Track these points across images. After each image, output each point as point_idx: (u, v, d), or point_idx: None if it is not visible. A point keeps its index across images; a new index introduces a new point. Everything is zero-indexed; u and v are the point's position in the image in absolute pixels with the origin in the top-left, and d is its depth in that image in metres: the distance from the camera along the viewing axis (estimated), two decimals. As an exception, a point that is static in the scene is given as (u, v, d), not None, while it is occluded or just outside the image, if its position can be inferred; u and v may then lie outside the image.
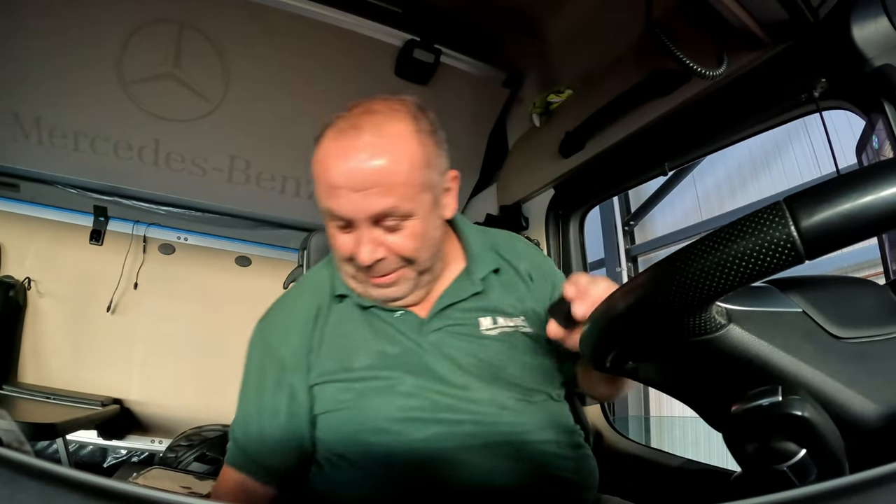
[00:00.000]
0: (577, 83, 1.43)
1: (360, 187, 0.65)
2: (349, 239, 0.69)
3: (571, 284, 0.64)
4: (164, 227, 2.16)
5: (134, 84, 1.61)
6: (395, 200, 0.66)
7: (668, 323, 0.37)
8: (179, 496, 0.19)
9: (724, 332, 0.37)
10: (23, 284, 2.00)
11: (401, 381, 0.71)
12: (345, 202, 0.66)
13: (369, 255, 0.68)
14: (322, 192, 0.69)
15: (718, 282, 0.31)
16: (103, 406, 1.91)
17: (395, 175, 0.66)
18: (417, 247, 0.70)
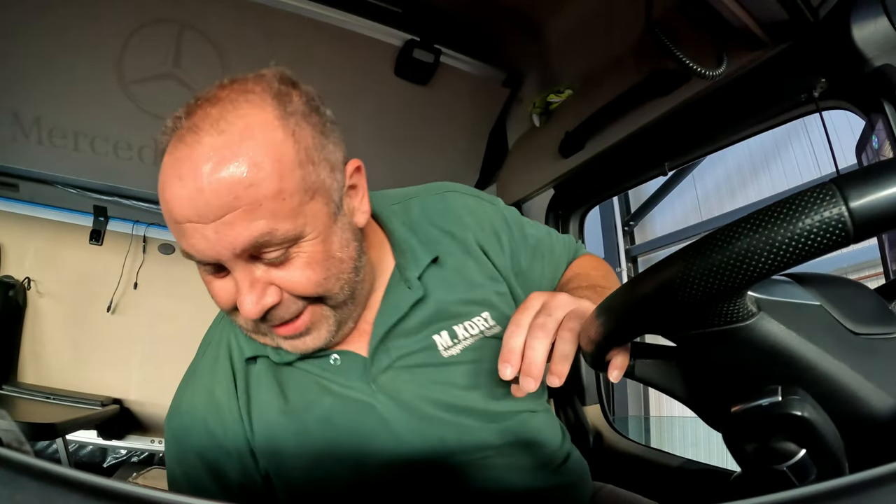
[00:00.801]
0: (577, 83, 1.43)
1: (212, 216, 0.47)
2: (227, 284, 0.53)
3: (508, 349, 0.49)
4: (164, 227, 2.15)
5: (134, 84, 1.61)
6: (266, 223, 0.48)
7: (702, 308, 0.34)
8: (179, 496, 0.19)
9: (754, 320, 0.36)
10: (23, 284, 2.00)
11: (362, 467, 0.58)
12: (198, 240, 0.49)
13: (254, 305, 0.50)
14: (170, 227, 0.51)
15: (764, 262, 0.30)
16: (103, 406, 1.91)
17: (258, 187, 0.47)
18: (321, 278, 0.52)
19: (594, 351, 0.44)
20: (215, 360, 0.64)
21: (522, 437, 0.64)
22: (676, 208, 3.43)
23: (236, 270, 0.51)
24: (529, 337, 0.48)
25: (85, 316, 2.08)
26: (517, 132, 1.73)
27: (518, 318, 0.50)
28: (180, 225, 0.49)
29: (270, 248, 0.50)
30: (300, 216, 0.50)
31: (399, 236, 0.64)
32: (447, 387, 0.61)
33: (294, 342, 0.56)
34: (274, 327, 0.55)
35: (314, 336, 0.56)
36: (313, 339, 0.56)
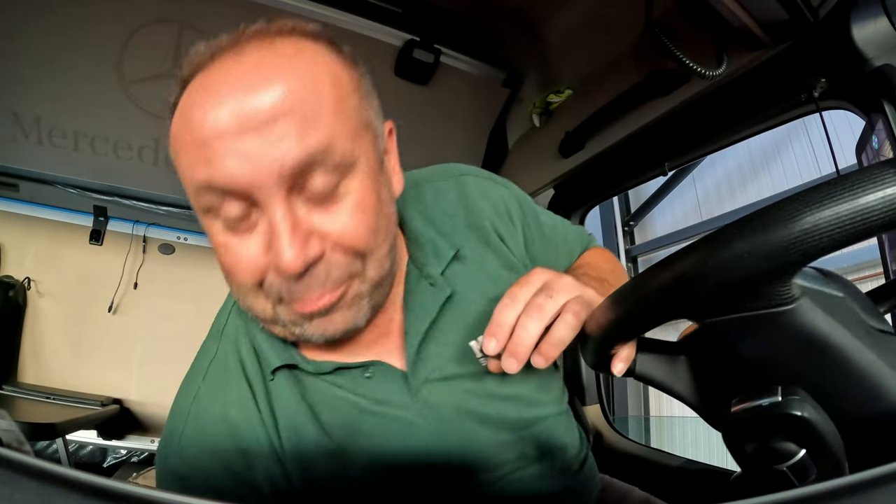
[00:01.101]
0: (577, 83, 1.43)
1: (258, 125, 0.38)
2: (251, 243, 0.42)
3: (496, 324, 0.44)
4: (164, 227, 2.16)
5: (134, 84, 1.61)
6: (325, 137, 0.40)
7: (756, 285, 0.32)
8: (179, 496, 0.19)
9: (796, 305, 0.34)
10: (23, 284, 2.00)
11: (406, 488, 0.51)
12: (233, 161, 0.38)
13: (297, 254, 0.40)
14: (189, 159, 0.41)
15: (828, 236, 0.29)
16: (103, 406, 1.91)
17: (317, 93, 0.40)
18: (374, 225, 0.44)
19: (603, 339, 0.42)
20: (225, 376, 0.53)
21: (550, 443, 0.60)
22: (676, 208, 3.43)
23: (274, 207, 0.40)
24: (524, 315, 0.44)
25: (85, 316, 2.09)
26: (517, 132, 1.73)
27: (515, 292, 0.45)
28: (209, 145, 0.39)
29: (321, 174, 0.40)
30: (356, 141, 0.42)
31: (416, 227, 0.56)
32: (486, 399, 0.55)
33: (321, 322, 0.45)
34: (306, 302, 0.44)
35: (342, 314, 0.46)
36: (342, 317, 0.46)
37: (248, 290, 0.45)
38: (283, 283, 0.43)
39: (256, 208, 0.41)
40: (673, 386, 0.45)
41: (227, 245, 0.43)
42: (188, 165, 0.41)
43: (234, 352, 0.54)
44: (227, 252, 0.43)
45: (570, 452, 0.63)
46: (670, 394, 0.45)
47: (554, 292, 0.45)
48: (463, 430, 0.54)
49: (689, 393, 0.44)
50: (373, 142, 0.46)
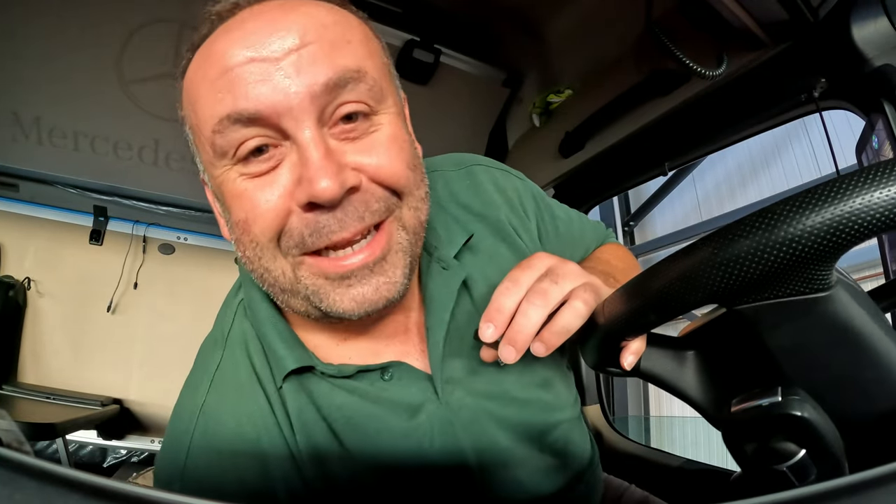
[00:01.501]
0: (577, 83, 1.43)
1: (288, 48, 0.37)
2: (275, 185, 0.38)
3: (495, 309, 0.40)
4: (164, 227, 2.16)
5: (134, 84, 1.61)
6: (356, 61, 0.38)
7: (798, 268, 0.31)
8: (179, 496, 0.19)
9: (833, 292, 0.33)
10: (23, 284, 2.00)
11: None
12: (261, 84, 0.36)
13: (334, 177, 0.36)
14: (212, 95, 0.38)
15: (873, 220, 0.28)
16: (103, 406, 1.91)
17: (344, 26, 0.39)
18: (409, 161, 0.42)
19: (616, 330, 0.40)
20: (236, 385, 0.48)
21: (566, 449, 0.58)
22: (676, 208, 3.43)
23: (304, 133, 0.37)
24: (525, 300, 0.41)
25: (85, 316, 2.09)
26: (517, 132, 1.73)
27: (517, 275, 0.42)
28: (236, 75, 0.36)
29: (353, 97, 0.38)
30: (384, 79, 0.41)
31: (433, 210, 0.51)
32: (505, 402, 0.53)
33: (362, 287, 0.40)
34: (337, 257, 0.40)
35: (389, 276, 0.42)
36: (386, 283, 0.41)
37: (266, 248, 0.41)
38: (314, 219, 0.39)
39: (281, 146, 0.39)
40: (677, 383, 0.43)
41: (244, 193, 0.39)
42: (210, 104, 0.38)
43: (245, 358, 0.49)
44: (244, 201, 0.39)
45: (583, 457, 0.62)
46: (673, 391, 0.44)
47: (560, 278, 0.41)
48: (482, 434, 0.51)
49: (695, 390, 0.43)
50: (397, 90, 0.43)
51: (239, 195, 0.40)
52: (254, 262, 0.43)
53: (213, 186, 0.43)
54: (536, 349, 0.41)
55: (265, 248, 0.41)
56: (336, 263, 0.40)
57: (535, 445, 0.55)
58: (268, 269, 0.42)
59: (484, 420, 0.51)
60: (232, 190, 0.40)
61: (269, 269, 0.42)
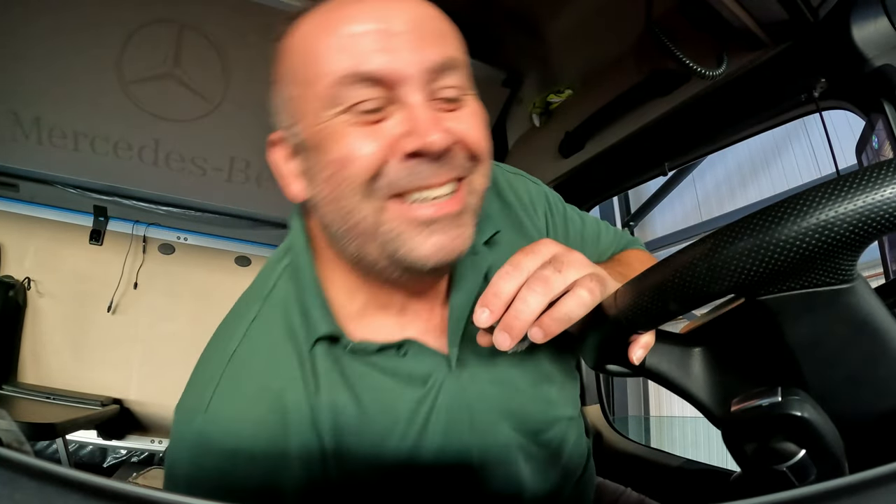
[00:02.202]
0: (577, 83, 1.43)
1: (408, 25, 0.43)
2: (379, 134, 0.43)
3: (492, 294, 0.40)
4: (164, 227, 2.17)
5: (134, 84, 1.61)
6: (455, 50, 0.46)
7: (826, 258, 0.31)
8: (179, 496, 0.19)
9: (855, 284, 0.33)
10: (23, 284, 2.01)
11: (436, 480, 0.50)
12: (383, 49, 0.42)
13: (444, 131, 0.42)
14: (336, 62, 0.43)
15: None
16: (103, 406, 1.92)
17: (446, 24, 0.47)
18: (485, 136, 0.47)
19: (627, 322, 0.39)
20: (269, 340, 0.49)
21: (561, 446, 0.59)
22: (676, 208, 3.43)
23: (416, 96, 0.43)
24: (525, 286, 0.40)
25: (85, 316, 2.09)
26: (517, 132, 1.73)
27: (519, 260, 0.41)
28: (362, 35, 0.42)
29: (453, 79, 0.45)
30: (469, 74, 0.48)
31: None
32: (511, 391, 0.54)
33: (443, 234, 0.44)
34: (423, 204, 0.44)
35: (463, 231, 0.46)
36: (460, 236, 0.45)
37: (357, 188, 0.43)
38: (412, 166, 0.43)
39: (389, 105, 0.43)
40: (682, 381, 0.43)
41: (350, 135, 0.43)
42: (332, 61, 0.43)
43: (282, 317, 0.51)
44: (349, 141, 0.43)
45: (576, 457, 0.62)
46: (677, 389, 0.43)
47: (564, 266, 0.41)
48: (485, 419, 0.52)
49: (700, 388, 0.42)
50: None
51: (344, 136, 0.43)
52: (338, 203, 0.45)
53: (304, 132, 0.46)
54: (534, 334, 0.40)
55: (356, 188, 0.43)
56: (424, 209, 0.44)
57: (532, 438, 0.56)
58: (350, 212, 0.44)
59: (487, 405, 0.53)
60: (337, 132, 0.43)
61: (352, 212, 0.44)
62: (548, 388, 0.57)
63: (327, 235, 0.49)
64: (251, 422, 0.46)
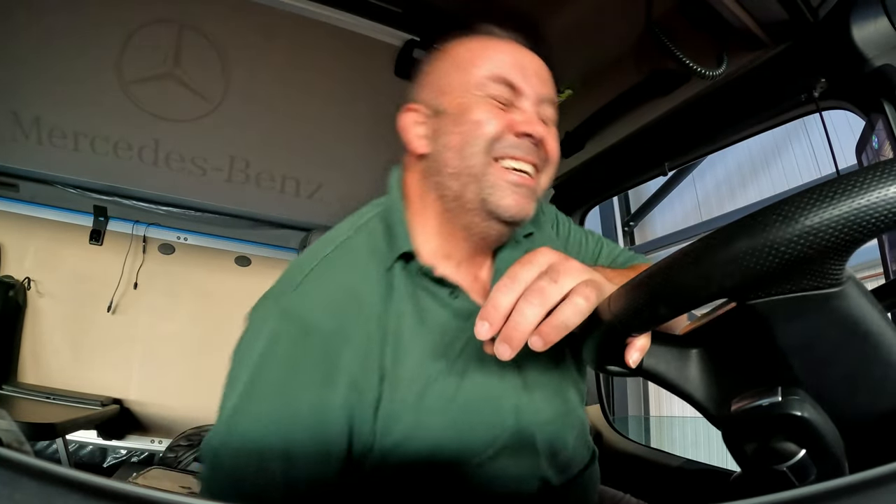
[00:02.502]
0: (577, 83, 1.43)
1: (537, 71, 0.66)
2: (506, 116, 0.62)
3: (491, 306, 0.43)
4: (164, 227, 2.16)
5: (134, 84, 1.61)
6: (553, 94, 0.67)
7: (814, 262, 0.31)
8: (179, 496, 0.19)
9: (845, 287, 0.33)
10: (23, 284, 2.00)
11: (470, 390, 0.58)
12: (521, 75, 0.63)
13: (538, 123, 0.62)
14: (489, 66, 0.64)
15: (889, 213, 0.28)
16: (103, 406, 1.91)
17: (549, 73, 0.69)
18: (557, 149, 0.66)
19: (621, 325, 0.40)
20: (355, 252, 0.61)
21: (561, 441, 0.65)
22: (676, 208, 3.43)
23: (530, 105, 0.64)
24: (522, 299, 0.42)
25: (85, 316, 2.09)
26: (517, 132, 1.73)
27: (516, 272, 0.44)
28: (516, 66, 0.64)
29: (549, 108, 0.66)
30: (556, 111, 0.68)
31: None
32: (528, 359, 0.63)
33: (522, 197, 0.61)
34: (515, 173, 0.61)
35: (532, 203, 0.63)
36: (530, 205, 0.63)
37: (482, 144, 0.61)
38: (517, 142, 0.61)
39: (511, 106, 0.63)
40: (680, 382, 0.43)
41: (489, 109, 0.62)
42: (484, 64, 0.64)
43: (370, 240, 0.63)
44: (488, 111, 0.62)
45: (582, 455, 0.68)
46: (676, 390, 0.44)
47: (559, 276, 0.43)
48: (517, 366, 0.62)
49: (698, 389, 0.43)
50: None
51: (482, 109, 0.62)
52: (461, 152, 0.62)
53: (448, 104, 0.64)
54: (534, 343, 0.42)
55: (481, 143, 0.61)
56: (514, 175, 0.62)
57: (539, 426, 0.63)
58: (468, 157, 0.61)
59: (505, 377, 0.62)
60: (478, 105, 0.62)
61: (470, 157, 0.61)
62: (562, 382, 0.67)
63: (431, 182, 0.65)
64: (331, 302, 0.56)
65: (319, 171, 1.96)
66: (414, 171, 0.68)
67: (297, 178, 1.99)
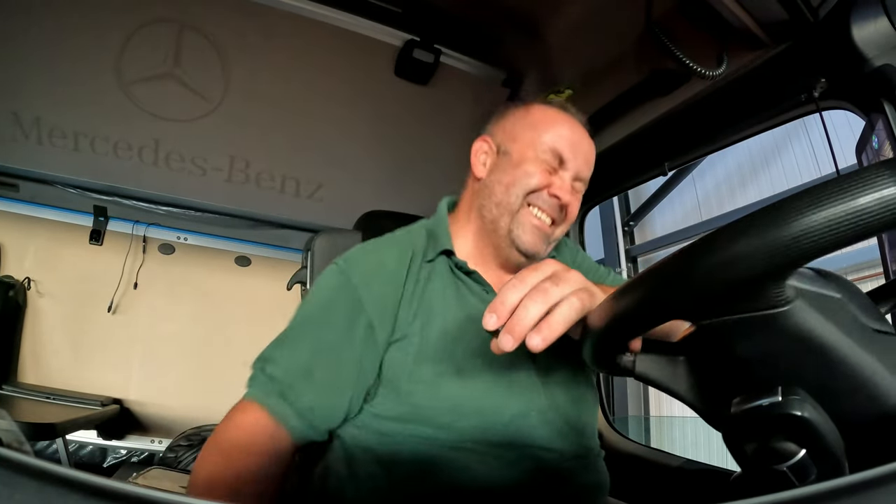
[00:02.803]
0: (577, 83, 1.43)
1: (583, 148, 0.81)
2: (548, 178, 0.78)
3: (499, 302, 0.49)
4: (164, 227, 2.16)
5: (134, 84, 1.61)
6: (590, 172, 0.82)
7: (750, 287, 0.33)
8: (179, 496, 0.19)
9: (791, 307, 0.34)
10: (23, 284, 2.00)
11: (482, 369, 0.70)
12: (572, 155, 0.79)
13: (567, 191, 0.77)
14: (552, 138, 0.79)
15: (824, 239, 0.29)
16: (103, 406, 1.91)
17: (594, 152, 0.83)
18: (576, 213, 0.81)
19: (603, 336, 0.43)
20: (401, 243, 0.78)
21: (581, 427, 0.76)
22: (676, 208, 3.43)
23: (569, 179, 0.79)
24: (527, 297, 0.47)
25: (85, 316, 2.09)
26: (517, 132, 1.73)
27: (524, 275, 0.49)
28: (574, 143, 0.80)
29: (580, 185, 0.81)
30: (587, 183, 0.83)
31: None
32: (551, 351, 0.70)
33: (538, 240, 0.77)
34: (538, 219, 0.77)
35: (546, 246, 0.79)
36: (542, 243, 0.78)
37: (523, 190, 0.77)
38: (548, 199, 0.77)
39: (554, 174, 0.79)
40: (672, 386, 0.45)
41: (540, 165, 0.78)
42: (549, 133, 0.80)
43: (411, 241, 0.79)
44: (537, 167, 0.78)
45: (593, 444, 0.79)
46: (670, 394, 0.45)
47: (561, 281, 0.48)
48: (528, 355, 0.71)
49: (689, 393, 0.44)
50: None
51: (534, 166, 0.78)
52: (508, 187, 0.79)
53: (511, 148, 0.81)
54: (533, 342, 0.46)
55: (522, 189, 0.77)
56: (538, 221, 0.78)
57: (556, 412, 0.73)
58: (511, 195, 0.78)
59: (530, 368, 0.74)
60: (533, 161, 0.78)
61: (512, 195, 0.78)
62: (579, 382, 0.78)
63: (479, 203, 0.82)
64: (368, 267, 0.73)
65: (319, 171, 1.96)
66: (469, 190, 0.86)
67: (297, 178, 1.99)
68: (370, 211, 1.18)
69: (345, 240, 1.10)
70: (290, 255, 2.29)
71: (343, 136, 1.84)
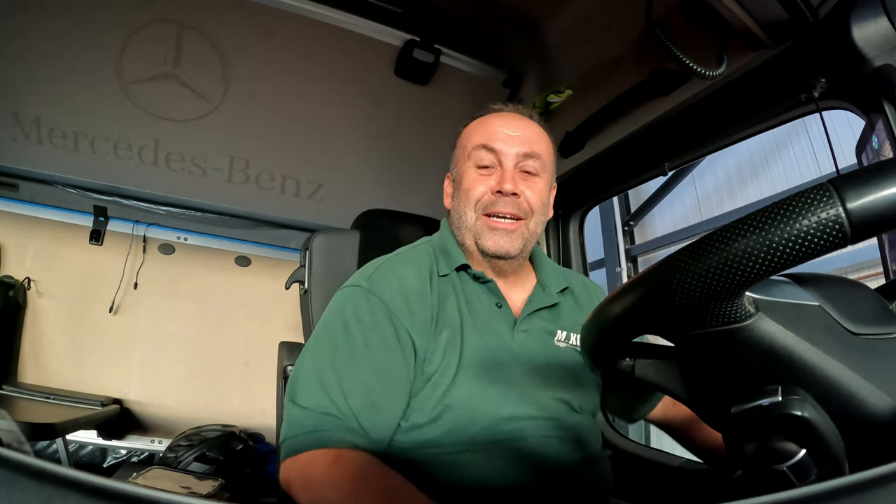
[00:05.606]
0: (577, 83, 1.43)
1: (516, 130, 0.81)
2: (487, 180, 0.80)
3: None
4: (164, 227, 2.16)
5: (134, 84, 1.61)
6: (539, 149, 0.81)
7: (700, 309, 0.35)
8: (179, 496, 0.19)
9: (752, 321, 0.36)
10: (23, 284, 2.00)
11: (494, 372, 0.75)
12: (500, 139, 0.80)
13: (514, 184, 0.78)
14: (477, 138, 0.82)
15: (761, 263, 0.30)
16: (103, 406, 1.91)
17: (541, 136, 0.84)
18: (539, 203, 0.81)
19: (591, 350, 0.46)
20: (417, 258, 0.82)
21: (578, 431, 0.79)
22: (676, 208, 3.43)
23: (509, 165, 0.79)
24: None
25: (85, 316, 2.09)
26: (517, 132, 1.73)
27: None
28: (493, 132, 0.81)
29: (532, 162, 0.80)
30: (547, 165, 0.83)
31: (546, 267, 0.91)
32: (555, 360, 0.81)
33: (502, 238, 0.79)
34: (499, 221, 0.79)
35: (513, 243, 0.79)
36: (512, 241, 0.79)
37: (470, 204, 0.81)
38: (493, 199, 0.79)
39: (496, 167, 0.80)
40: (671, 388, 0.46)
41: (475, 178, 0.81)
42: (477, 138, 0.82)
43: (423, 255, 0.83)
44: (473, 181, 0.81)
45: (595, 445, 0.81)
46: (670, 395, 0.46)
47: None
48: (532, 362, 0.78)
49: (688, 395, 0.45)
50: (550, 177, 0.86)
51: (471, 178, 0.81)
52: (460, 210, 0.82)
53: (456, 173, 0.86)
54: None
55: (470, 204, 0.81)
56: (495, 223, 0.80)
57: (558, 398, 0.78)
58: (464, 215, 0.82)
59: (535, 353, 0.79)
60: (468, 174, 0.82)
61: (465, 215, 0.82)
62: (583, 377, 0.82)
63: (454, 230, 0.86)
64: (394, 286, 0.75)
65: (319, 171, 1.96)
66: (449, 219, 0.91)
67: (297, 178, 1.99)
68: (368, 210, 1.18)
69: (342, 239, 1.10)
70: (290, 254, 2.28)
71: (343, 135, 1.84)
